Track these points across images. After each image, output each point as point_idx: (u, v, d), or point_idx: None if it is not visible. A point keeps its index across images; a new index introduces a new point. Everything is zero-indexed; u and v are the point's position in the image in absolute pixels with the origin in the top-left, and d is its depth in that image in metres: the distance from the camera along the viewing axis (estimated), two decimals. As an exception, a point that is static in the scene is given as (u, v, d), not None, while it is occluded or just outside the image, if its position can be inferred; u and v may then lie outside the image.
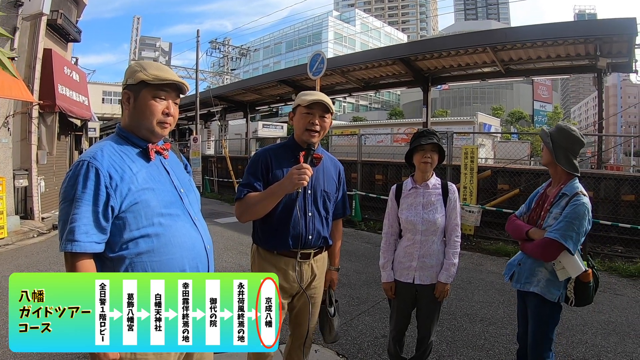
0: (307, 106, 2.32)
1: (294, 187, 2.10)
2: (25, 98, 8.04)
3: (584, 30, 10.83)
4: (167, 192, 1.71)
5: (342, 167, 2.67)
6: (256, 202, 2.24)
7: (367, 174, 12.99)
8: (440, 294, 2.78)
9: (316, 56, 10.46)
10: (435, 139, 2.73)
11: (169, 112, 1.73)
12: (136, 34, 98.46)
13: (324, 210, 2.45)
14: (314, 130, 2.33)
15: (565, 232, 2.35)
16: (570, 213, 2.39)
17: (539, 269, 2.54)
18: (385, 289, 2.91)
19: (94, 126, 13.81)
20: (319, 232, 2.41)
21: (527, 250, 2.58)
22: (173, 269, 1.63)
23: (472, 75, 14.82)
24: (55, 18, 10.54)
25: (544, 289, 2.48)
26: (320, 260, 2.49)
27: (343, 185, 2.65)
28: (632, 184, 8.49)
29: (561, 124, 2.64)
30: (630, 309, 4.99)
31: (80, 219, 1.48)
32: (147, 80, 1.65)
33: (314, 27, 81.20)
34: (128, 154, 1.67)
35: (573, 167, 2.53)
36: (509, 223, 2.83)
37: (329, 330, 2.61)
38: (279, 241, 2.34)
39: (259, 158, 2.40)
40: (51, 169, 11.29)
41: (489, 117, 38.52)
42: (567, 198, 2.45)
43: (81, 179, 1.51)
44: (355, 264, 6.67)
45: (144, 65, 1.70)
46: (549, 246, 2.38)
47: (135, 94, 1.69)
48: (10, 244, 7.90)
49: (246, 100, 22.96)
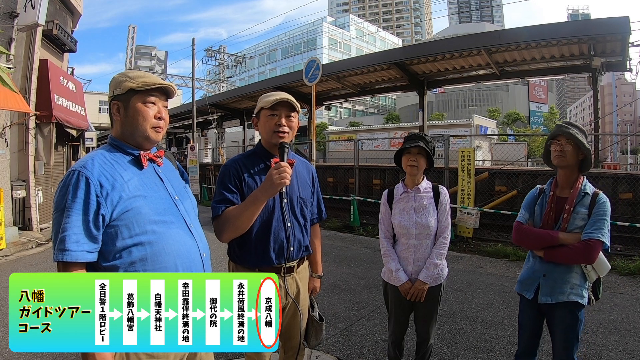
0: (270, 107, 2.19)
1: (276, 188, 1.97)
2: (22, 109, 8.05)
3: (577, 30, 10.92)
4: (161, 200, 1.69)
5: (314, 169, 2.56)
6: (237, 215, 2.07)
7: (364, 179, 13.02)
8: (414, 292, 2.72)
9: (311, 62, 10.52)
10: (421, 142, 2.72)
11: (160, 115, 1.73)
12: (132, 43, 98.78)
13: (302, 217, 2.33)
14: (282, 131, 2.20)
15: (603, 230, 2.33)
16: (602, 211, 2.37)
17: (569, 275, 2.43)
18: (404, 291, 2.77)
19: (91, 136, 13.81)
20: (300, 242, 2.30)
21: (561, 257, 2.41)
22: None
23: (467, 78, 14.91)
24: (50, 29, 10.57)
25: (578, 295, 2.41)
26: (302, 271, 2.39)
27: (317, 188, 2.54)
28: (630, 182, 8.53)
29: (571, 122, 2.58)
30: (630, 307, 4.99)
31: (71, 228, 1.47)
32: (136, 87, 1.65)
33: (309, 34, 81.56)
34: (119, 162, 1.66)
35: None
36: (520, 233, 2.58)
37: (316, 335, 2.54)
38: (260, 258, 2.20)
39: (229, 170, 2.24)
40: (49, 180, 11.27)
41: (485, 119, 38.60)
42: (590, 197, 2.43)
43: (71, 189, 1.51)
44: (354, 269, 6.67)
45: (129, 75, 1.71)
46: (595, 248, 2.31)
47: (125, 103, 1.69)
48: (9, 255, 7.88)
49: (242, 107, 23.04)
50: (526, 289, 2.59)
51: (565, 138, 2.46)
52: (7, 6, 9.00)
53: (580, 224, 2.40)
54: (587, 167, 2.52)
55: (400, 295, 2.80)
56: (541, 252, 2.49)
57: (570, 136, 2.43)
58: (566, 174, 2.52)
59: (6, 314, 4.77)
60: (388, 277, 2.88)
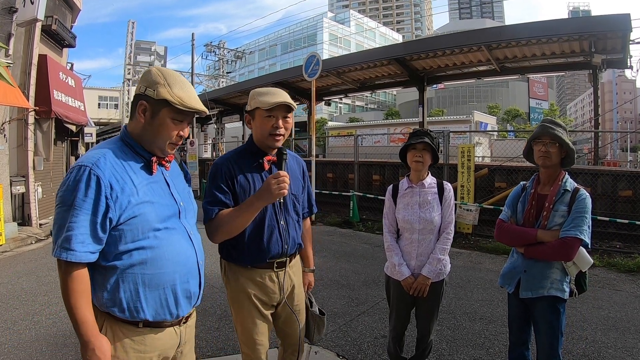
0: (268, 109, 2.13)
1: (274, 198, 1.97)
2: (21, 104, 8.03)
3: (578, 27, 10.88)
4: (166, 206, 1.68)
5: (304, 163, 2.54)
6: (231, 220, 2.04)
7: (364, 175, 13.01)
8: (417, 286, 2.73)
9: (311, 58, 10.49)
10: (426, 138, 2.73)
11: (182, 134, 1.71)
12: (131, 39, 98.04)
13: (294, 214, 2.32)
14: (279, 134, 2.17)
15: (582, 227, 2.34)
16: (581, 208, 2.38)
17: (550, 270, 2.46)
18: (406, 285, 2.77)
19: (90, 131, 13.80)
20: (294, 239, 2.29)
21: (539, 255, 2.46)
22: (164, 283, 1.61)
23: (467, 74, 14.89)
24: (49, 24, 10.53)
25: (558, 289, 2.44)
26: (295, 265, 2.39)
27: (307, 182, 2.52)
28: (629, 180, 8.53)
29: (553, 119, 2.59)
30: (629, 305, 4.99)
31: (78, 228, 1.46)
32: (172, 102, 1.60)
33: (309, 29, 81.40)
34: (130, 164, 1.62)
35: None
36: (501, 231, 2.65)
37: (318, 330, 2.55)
38: (253, 256, 2.19)
39: (220, 168, 2.19)
40: (48, 175, 11.25)
41: (485, 115, 38.52)
42: (570, 194, 2.44)
43: (82, 186, 1.47)
44: (354, 264, 6.66)
45: (168, 80, 1.63)
46: (572, 245, 2.34)
47: (154, 110, 1.63)
48: (8, 250, 7.88)
49: (242, 102, 22.95)
50: (507, 282, 2.68)
51: (550, 138, 2.47)
52: (6, 1, 8.97)
53: (560, 221, 2.44)
54: (569, 164, 2.54)
55: (403, 290, 2.81)
56: (522, 249, 2.55)
57: (556, 137, 2.45)
58: (548, 171, 2.55)
59: (6, 310, 4.75)
60: (391, 271, 2.89)
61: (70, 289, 1.46)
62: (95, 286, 1.55)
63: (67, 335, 4.04)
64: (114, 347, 1.56)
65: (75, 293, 1.46)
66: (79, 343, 1.48)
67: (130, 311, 1.56)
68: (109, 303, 1.55)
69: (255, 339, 2.24)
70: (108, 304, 1.55)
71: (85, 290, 1.49)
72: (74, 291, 1.46)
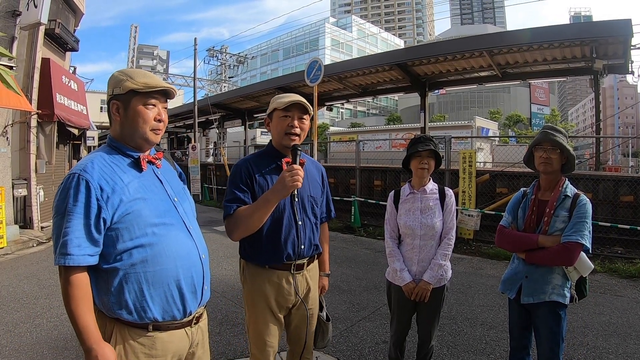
0: (284, 109, 2.21)
1: (288, 190, 1.99)
2: (23, 107, 8.05)
3: (579, 32, 10.87)
4: (161, 202, 1.70)
5: (324, 169, 2.59)
6: (249, 215, 2.08)
7: (365, 180, 13.00)
8: (418, 291, 2.73)
9: (313, 63, 10.52)
10: (431, 145, 2.75)
11: (160, 118, 1.73)
12: (134, 43, 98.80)
13: (312, 216, 2.35)
14: (294, 133, 2.23)
15: (583, 232, 2.35)
16: (581, 213, 2.39)
17: (551, 276, 2.47)
18: (408, 291, 2.77)
19: (92, 135, 13.77)
20: (310, 240, 2.31)
21: (541, 260, 2.46)
22: (167, 279, 1.62)
23: (469, 80, 14.88)
24: (53, 27, 10.58)
25: (559, 294, 2.45)
26: (312, 269, 2.41)
27: (327, 187, 2.57)
28: (631, 185, 8.52)
29: (554, 126, 2.60)
30: (630, 310, 4.98)
31: (72, 232, 1.47)
32: (137, 88, 1.64)
33: (311, 34, 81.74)
34: (119, 164, 1.65)
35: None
36: (502, 237, 2.65)
37: (322, 336, 2.56)
38: (271, 255, 2.22)
39: (240, 169, 2.26)
40: (50, 178, 11.27)
41: (487, 121, 38.61)
42: (570, 199, 2.45)
43: (72, 192, 1.50)
44: (355, 270, 6.65)
45: (129, 74, 1.69)
46: (574, 250, 2.34)
47: (125, 104, 1.67)
48: (10, 253, 7.89)
49: (244, 107, 23.02)
50: (508, 288, 2.68)
51: (551, 145, 2.49)
52: (10, 5, 9.00)
53: (561, 226, 2.44)
54: (569, 170, 2.57)
55: (404, 295, 2.81)
56: (523, 255, 2.55)
57: (557, 143, 2.47)
58: (549, 178, 2.56)
59: (7, 313, 4.75)
60: (392, 276, 2.89)
61: (70, 295, 1.47)
62: (100, 292, 1.56)
63: (68, 339, 4.04)
64: (124, 353, 1.56)
65: (75, 299, 1.46)
66: (80, 347, 1.48)
67: (138, 312, 1.57)
68: (115, 306, 1.55)
69: (265, 340, 2.25)
70: (115, 307, 1.55)
71: (86, 296, 1.49)
72: (74, 298, 1.47)
